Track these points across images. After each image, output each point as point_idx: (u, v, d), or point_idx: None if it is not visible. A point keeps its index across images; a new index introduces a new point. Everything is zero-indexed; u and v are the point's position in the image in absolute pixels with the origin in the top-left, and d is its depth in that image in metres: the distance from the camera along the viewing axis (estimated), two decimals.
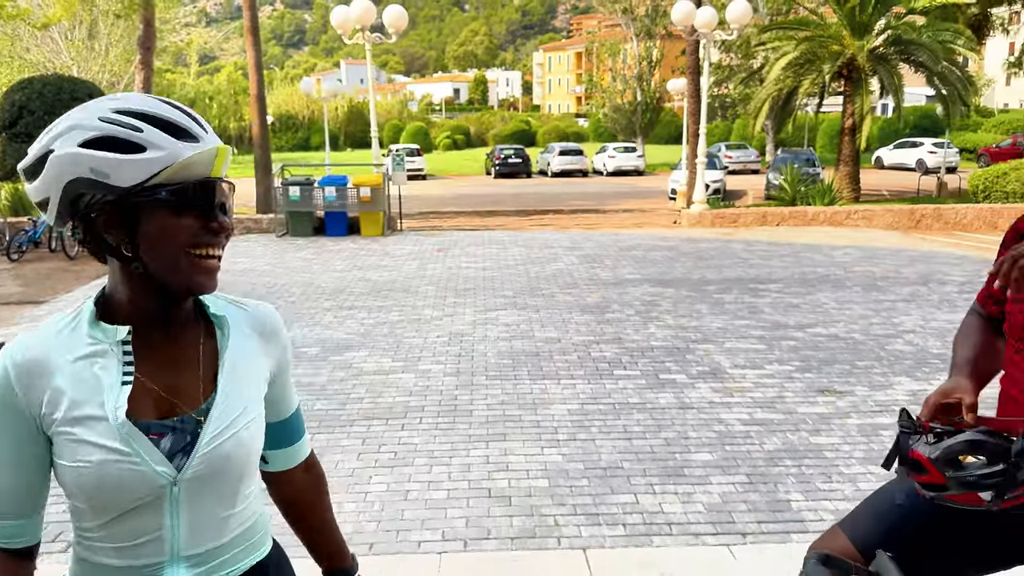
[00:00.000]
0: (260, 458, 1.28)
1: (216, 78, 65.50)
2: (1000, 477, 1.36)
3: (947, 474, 1.39)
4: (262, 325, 1.26)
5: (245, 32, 17.03)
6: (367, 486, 3.98)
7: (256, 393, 1.21)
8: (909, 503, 1.66)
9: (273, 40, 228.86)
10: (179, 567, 1.15)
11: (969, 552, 1.65)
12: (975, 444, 1.39)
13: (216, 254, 1.12)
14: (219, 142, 1.11)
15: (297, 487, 1.38)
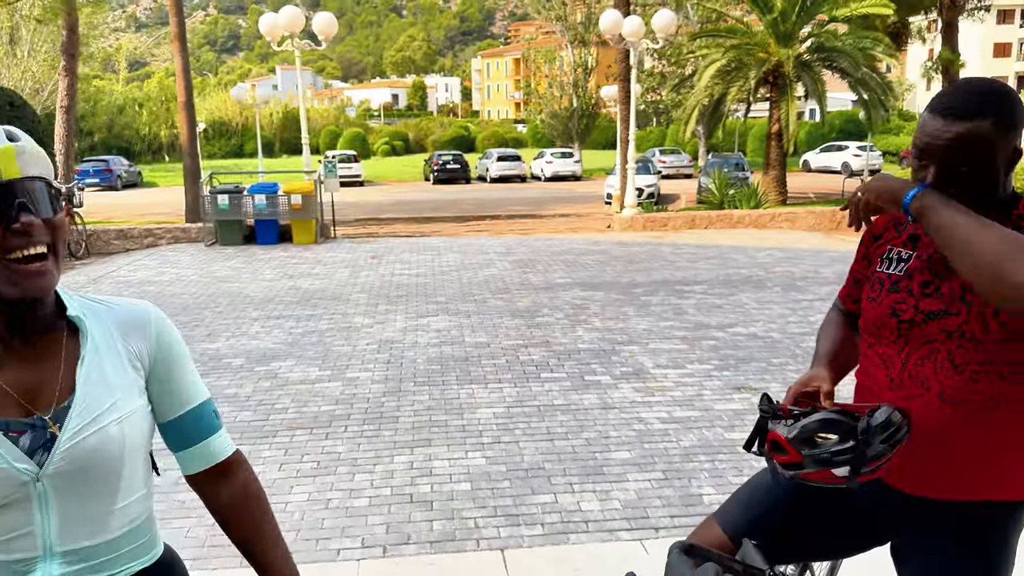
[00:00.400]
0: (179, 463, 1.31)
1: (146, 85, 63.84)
2: (852, 453, 1.46)
3: (803, 452, 1.47)
4: (130, 321, 1.27)
5: (172, 38, 16.72)
6: (287, 496, 3.97)
7: (127, 389, 1.22)
8: (776, 491, 1.77)
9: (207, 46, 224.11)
10: (53, 563, 1.15)
11: (832, 536, 1.75)
12: (828, 423, 1.48)
13: (33, 253, 1.11)
14: (3, 143, 1.11)
15: (221, 495, 1.35)
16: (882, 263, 1.69)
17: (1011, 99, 1.47)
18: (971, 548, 1.56)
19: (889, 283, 1.64)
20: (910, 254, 1.64)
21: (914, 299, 1.58)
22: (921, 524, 1.62)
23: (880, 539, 1.74)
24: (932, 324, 1.54)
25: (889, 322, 1.61)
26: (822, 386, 1.62)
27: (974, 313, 1.48)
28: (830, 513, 1.73)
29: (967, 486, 1.55)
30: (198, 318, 7.81)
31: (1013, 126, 1.46)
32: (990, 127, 1.44)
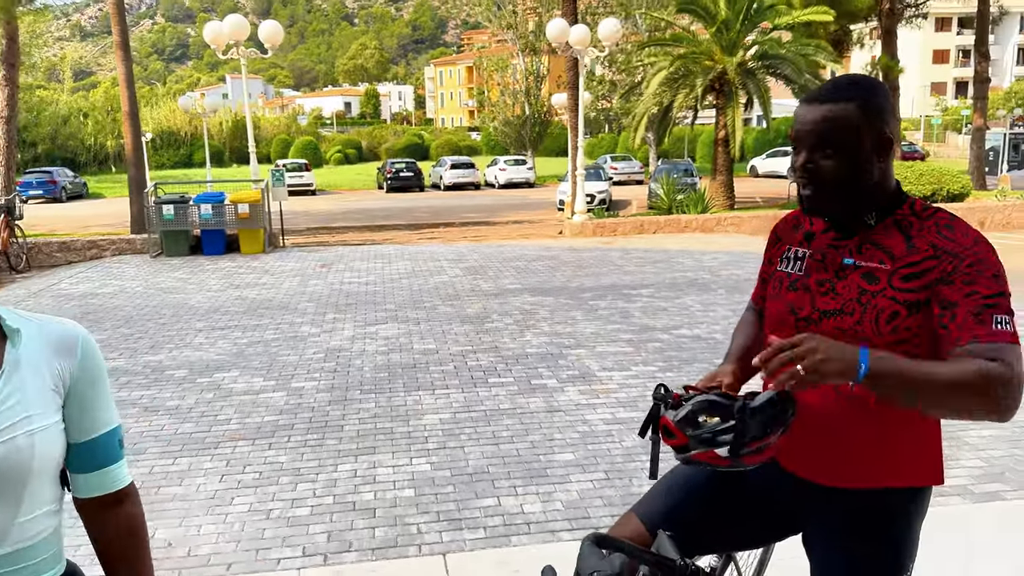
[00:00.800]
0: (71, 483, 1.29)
1: (92, 94, 62.40)
2: (732, 433, 1.50)
3: (687, 433, 1.51)
4: (59, 339, 1.27)
5: (115, 46, 16.35)
6: (228, 507, 3.92)
7: (44, 405, 1.22)
8: (690, 482, 1.81)
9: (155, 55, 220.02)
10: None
11: (744, 525, 1.80)
12: (711, 405, 1.53)
13: None
14: None
15: (106, 524, 1.34)
16: (782, 262, 1.76)
17: (876, 87, 1.55)
18: (873, 534, 1.62)
19: (788, 281, 1.70)
20: (806, 252, 1.70)
21: (811, 296, 1.64)
22: (824, 512, 1.67)
23: (791, 528, 1.79)
24: (827, 322, 1.59)
25: (788, 319, 1.66)
26: (723, 380, 1.67)
27: (868, 316, 1.54)
28: (740, 502, 1.78)
29: (864, 474, 1.61)
30: (141, 330, 7.66)
31: (878, 112, 1.52)
32: (854, 109, 1.51)
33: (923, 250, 1.52)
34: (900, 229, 1.57)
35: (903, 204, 1.61)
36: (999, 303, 1.45)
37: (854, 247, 1.60)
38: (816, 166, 1.55)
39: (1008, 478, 4.06)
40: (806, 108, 1.56)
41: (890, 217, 1.60)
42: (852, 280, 1.58)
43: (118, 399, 5.58)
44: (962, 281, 1.46)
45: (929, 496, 1.67)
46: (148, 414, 5.27)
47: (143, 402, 5.52)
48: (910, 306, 1.51)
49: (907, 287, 1.52)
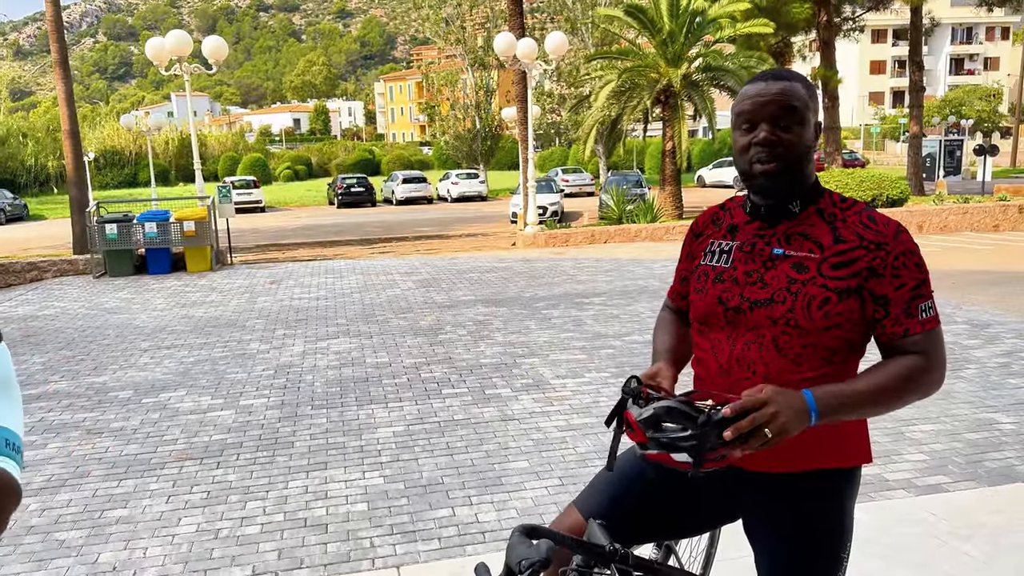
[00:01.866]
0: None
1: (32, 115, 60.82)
2: (691, 442, 1.52)
3: (648, 434, 1.53)
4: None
5: (54, 65, 15.99)
6: (175, 528, 3.82)
7: None
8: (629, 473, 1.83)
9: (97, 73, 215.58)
10: None
11: (682, 514, 1.83)
12: (674, 412, 1.55)
13: None
14: None
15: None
16: (706, 256, 1.79)
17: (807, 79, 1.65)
18: (809, 515, 1.66)
19: (714, 274, 1.73)
20: (731, 244, 1.73)
21: (739, 287, 1.66)
22: (760, 497, 1.70)
23: (728, 516, 1.82)
24: (758, 311, 1.62)
25: (716, 310, 1.69)
26: (663, 383, 1.69)
27: (799, 304, 1.58)
28: (678, 492, 1.80)
29: (795, 458, 1.64)
30: (84, 352, 7.45)
31: (814, 98, 1.62)
32: (802, 88, 1.60)
33: (850, 240, 1.59)
34: (824, 219, 1.64)
35: (823, 194, 1.67)
36: (922, 291, 1.58)
37: (782, 238, 1.65)
38: (778, 138, 1.59)
39: (951, 471, 4.17)
40: (763, 84, 1.61)
41: (812, 206, 1.66)
42: (781, 270, 1.62)
43: (60, 422, 5.42)
44: (891, 274, 1.56)
45: (859, 475, 1.72)
46: (91, 436, 5.12)
47: (86, 424, 5.36)
48: (840, 293, 1.57)
49: (836, 275, 1.58)
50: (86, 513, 3.99)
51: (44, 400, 5.96)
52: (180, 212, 12.61)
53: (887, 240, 1.57)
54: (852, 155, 40.50)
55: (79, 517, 3.94)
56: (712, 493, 1.78)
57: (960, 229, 15.80)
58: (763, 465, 1.67)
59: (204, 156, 50.92)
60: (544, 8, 41.80)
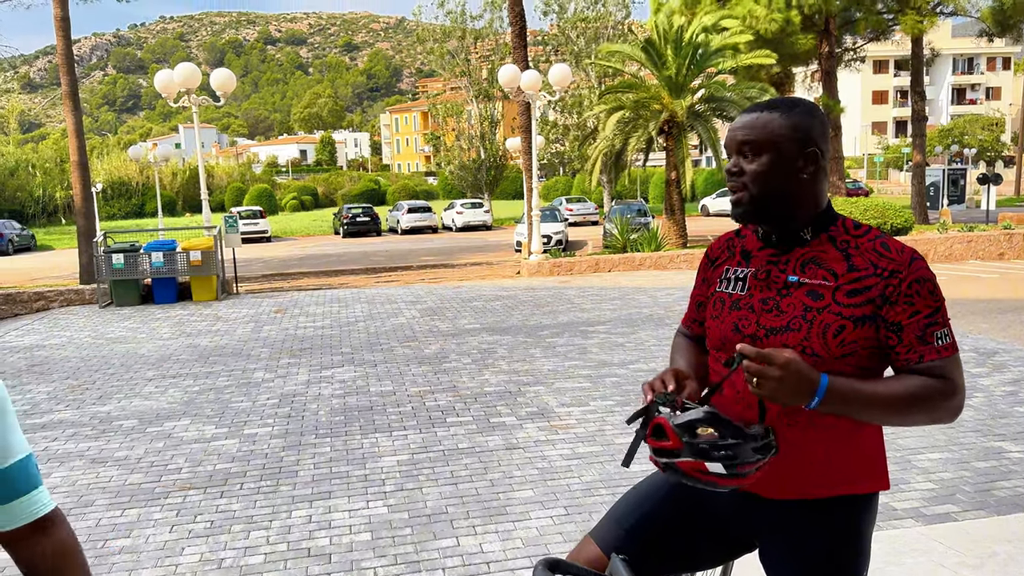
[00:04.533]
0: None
1: (41, 146, 61.45)
2: (730, 450, 1.51)
3: (683, 439, 1.50)
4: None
5: (64, 97, 16.20)
6: (178, 558, 3.80)
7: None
8: (647, 504, 1.82)
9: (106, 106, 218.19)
10: None
11: (701, 544, 1.81)
12: (715, 419, 1.53)
13: None
14: None
15: (35, 553, 1.27)
16: (721, 283, 1.79)
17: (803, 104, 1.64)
18: (826, 542, 1.64)
19: (730, 301, 1.73)
20: (746, 271, 1.74)
21: (755, 315, 1.67)
22: (778, 525, 1.69)
23: (746, 546, 1.80)
24: (773, 339, 1.62)
25: (733, 338, 1.69)
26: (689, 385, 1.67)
27: (815, 332, 1.58)
28: (694, 522, 1.78)
29: (814, 485, 1.64)
30: (89, 381, 7.46)
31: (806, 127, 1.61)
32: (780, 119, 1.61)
33: (863, 268, 1.59)
34: (836, 246, 1.64)
35: (836, 221, 1.67)
36: (938, 319, 1.56)
37: (797, 265, 1.65)
38: (740, 169, 1.64)
39: (959, 499, 4.13)
40: (742, 116, 1.66)
41: (824, 233, 1.66)
42: (796, 297, 1.62)
43: (64, 451, 5.41)
44: (904, 302, 1.55)
45: (877, 501, 1.71)
46: (95, 465, 5.11)
47: (90, 454, 5.35)
48: (855, 321, 1.57)
49: (851, 302, 1.58)
50: (89, 542, 3.98)
51: (49, 429, 5.95)
52: (187, 242, 12.68)
53: (900, 268, 1.56)
54: (856, 184, 40.62)
55: (83, 546, 3.92)
56: (730, 522, 1.77)
57: (965, 258, 15.79)
58: (782, 492, 1.66)
59: (211, 187, 51.28)
60: (548, 41, 42.34)
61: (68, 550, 1.30)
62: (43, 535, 1.27)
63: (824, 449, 1.62)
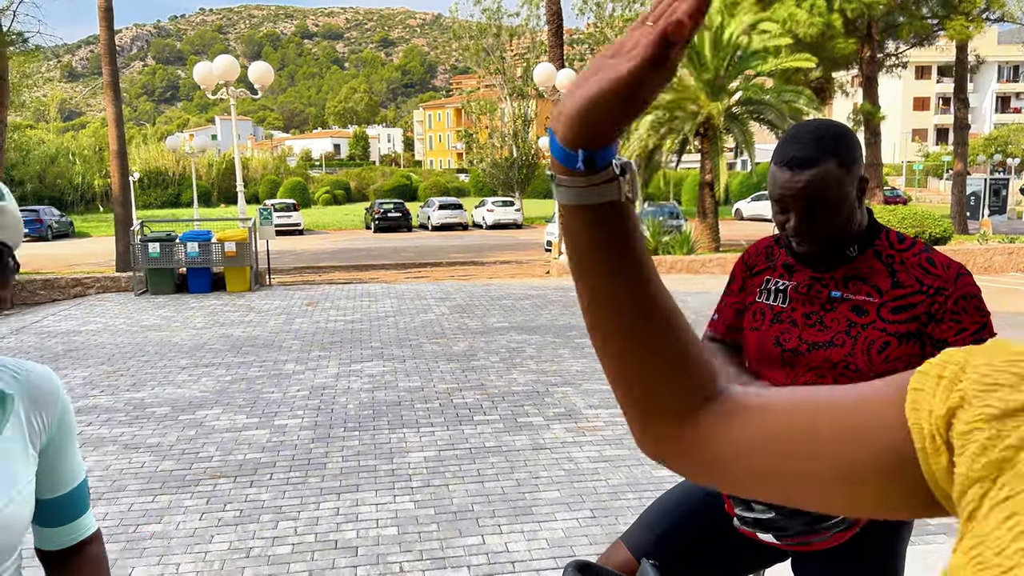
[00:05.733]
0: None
1: (81, 135, 62.65)
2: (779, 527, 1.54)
3: (737, 511, 1.57)
4: (40, 392, 1.17)
5: (104, 87, 16.50)
6: (208, 545, 3.84)
7: (23, 466, 1.13)
8: (679, 510, 1.81)
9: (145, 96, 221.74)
10: None
11: (734, 553, 1.79)
12: None
13: None
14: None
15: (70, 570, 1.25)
16: (761, 293, 1.77)
17: (846, 137, 1.56)
18: (859, 555, 1.63)
19: (771, 313, 1.72)
20: (787, 284, 1.71)
21: (798, 329, 1.65)
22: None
23: (779, 555, 1.79)
24: (816, 354, 1.62)
25: (773, 351, 1.68)
26: None
27: (859, 348, 1.56)
28: (728, 531, 1.77)
29: None
30: (123, 367, 7.58)
31: (854, 160, 1.55)
32: (835, 167, 1.52)
33: (909, 284, 1.56)
34: (882, 260, 1.61)
35: (880, 234, 1.65)
36: (984, 335, 1.54)
37: (840, 280, 1.63)
38: (810, 227, 1.57)
39: None
40: (788, 174, 1.55)
41: (870, 248, 1.64)
42: (840, 312, 1.61)
43: (98, 436, 5.51)
44: (951, 319, 1.53)
45: (912, 519, 1.68)
46: (128, 451, 5.20)
47: (123, 439, 5.44)
48: (900, 337, 1.55)
49: (896, 319, 1.56)
50: (121, 527, 4.04)
51: (84, 414, 6.06)
52: (221, 233, 12.84)
53: (947, 285, 1.54)
54: (894, 192, 40.02)
55: (114, 531, 3.99)
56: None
57: (1006, 270, 15.46)
58: None
59: (245, 179, 51.89)
60: (584, 39, 42.24)
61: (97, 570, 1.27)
62: (77, 553, 1.26)
63: None
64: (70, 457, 1.21)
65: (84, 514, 1.25)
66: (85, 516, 1.25)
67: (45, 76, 32.55)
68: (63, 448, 1.20)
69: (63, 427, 1.19)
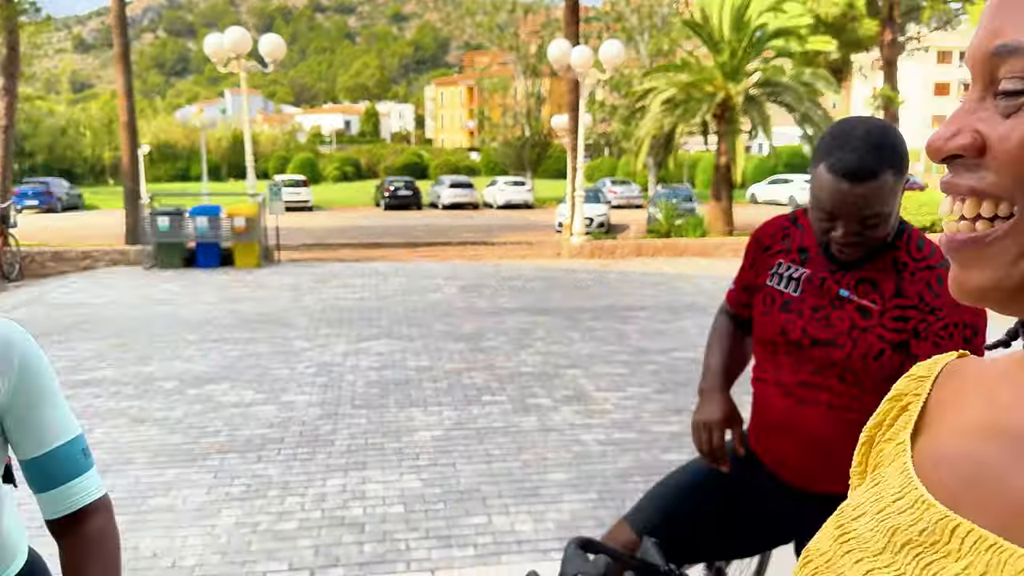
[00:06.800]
0: None
1: (91, 106, 62.66)
2: None
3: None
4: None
5: (116, 58, 16.43)
6: (215, 519, 3.84)
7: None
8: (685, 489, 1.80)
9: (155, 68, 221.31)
10: None
11: (738, 533, 1.78)
12: None
13: None
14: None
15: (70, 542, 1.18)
16: (772, 277, 1.73)
17: (901, 143, 1.50)
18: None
19: (781, 301, 1.69)
20: (801, 271, 1.68)
21: (803, 321, 1.63)
22: (820, 518, 1.64)
23: (783, 537, 1.78)
24: (817, 351, 1.61)
25: (778, 339, 1.67)
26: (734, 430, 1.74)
27: (858, 351, 1.56)
28: (733, 510, 1.77)
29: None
30: (132, 340, 7.59)
31: (906, 167, 1.51)
32: (892, 178, 1.47)
33: (911, 297, 1.55)
34: (896, 267, 1.58)
35: (902, 235, 1.61)
36: None
37: (852, 281, 1.60)
38: (860, 238, 1.53)
39: None
40: (847, 186, 1.47)
41: (890, 252, 1.60)
42: (847, 311, 1.59)
43: (106, 409, 5.51)
44: (933, 340, 1.51)
45: None
46: (136, 424, 5.20)
47: (131, 412, 5.44)
48: (895, 345, 1.55)
49: (894, 327, 1.56)
50: (129, 499, 4.04)
51: (92, 386, 6.07)
52: (231, 208, 12.82)
53: (943, 307, 1.51)
54: (912, 178, 39.66)
55: (122, 503, 3.99)
56: (770, 513, 1.75)
57: None
58: (827, 486, 1.62)
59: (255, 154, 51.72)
60: (600, 17, 41.82)
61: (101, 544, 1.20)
62: (76, 525, 1.19)
63: None
64: (47, 412, 1.15)
65: (79, 477, 1.18)
66: (81, 480, 1.18)
67: (56, 47, 32.50)
68: (34, 403, 1.14)
69: (27, 380, 1.13)
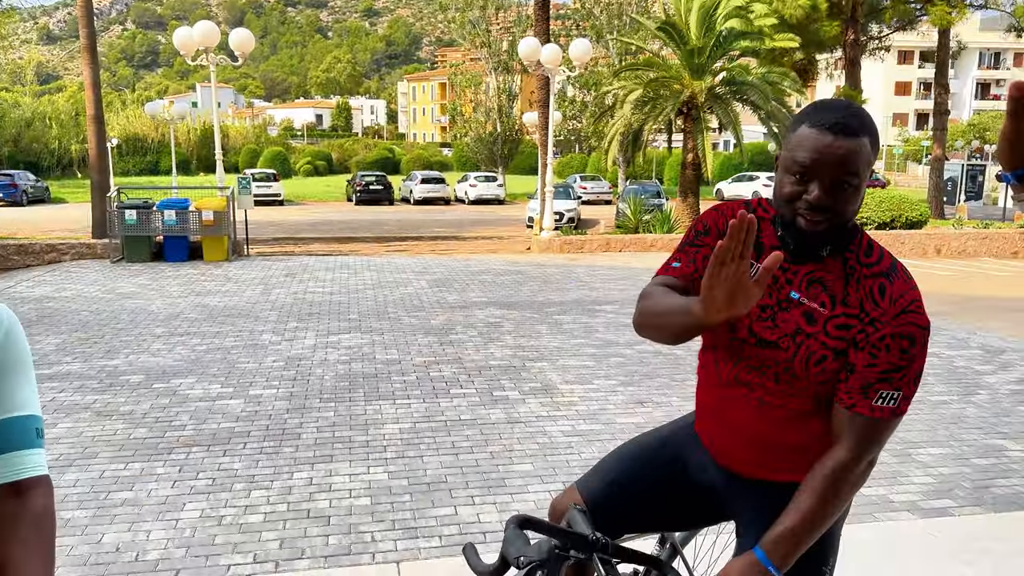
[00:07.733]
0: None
1: (58, 99, 61.46)
2: None
3: None
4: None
5: (82, 50, 16.16)
6: (179, 513, 3.85)
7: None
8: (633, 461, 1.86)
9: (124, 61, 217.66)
10: None
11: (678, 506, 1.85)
12: None
13: None
14: None
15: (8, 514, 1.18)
16: None
17: (876, 128, 1.51)
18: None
19: None
20: (755, 267, 1.59)
21: (749, 320, 1.60)
22: (755, 502, 1.71)
23: (721, 515, 1.84)
24: (762, 351, 1.59)
25: (723, 336, 1.65)
26: None
27: (800, 356, 1.54)
28: (678, 485, 1.83)
29: (790, 468, 1.64)
30: (97, 335, 7.52)
31: (877, 148, 1.50)
32: (868, 147, 1.46)
33: (853, 306, 1.52)
34: (845, 270, 1.55)
35: (855, 239, 1.58)
36: (893, 378, 1.49)
37: (803, 281, 1.57)
38: (835, 202, 1.47)
39: (957, 495, 4.14)
40: (830, 138, 1.44)
41: (840, 255, 1.57)
42: (793, 315, 1.56)
43: (71, 403, 5.47)
44: (870, 351, 1.49)
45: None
46: (101, 419, 5.17)
47: (96, 407, 5.41)
48: (836, 352, 1.53)
49: (837, 335, 1.53)
50: (92, 493, 4.03)
51: (57, 380, 6.02)
52: (200, 201, 12.70)
53: (882, 318, 1.48)
54: (873, 175, 40.26)
55: (85, 497, 3.98)
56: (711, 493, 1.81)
57: (979, 255, 15.67)
58: (759, 473, 1.70)
59: (226, 148, 51.34)
60: (570, 15, 41.89)
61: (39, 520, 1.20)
62: (16, 497, 1.20)
63: (799, 441, 1.62)
64: (17, 382, 1.21)
65: (29, 449, 1.21)
66: (31, 452, 1.21)
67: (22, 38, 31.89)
68: (7, 372, 1.19)
69: (7, 350, 1.19)
